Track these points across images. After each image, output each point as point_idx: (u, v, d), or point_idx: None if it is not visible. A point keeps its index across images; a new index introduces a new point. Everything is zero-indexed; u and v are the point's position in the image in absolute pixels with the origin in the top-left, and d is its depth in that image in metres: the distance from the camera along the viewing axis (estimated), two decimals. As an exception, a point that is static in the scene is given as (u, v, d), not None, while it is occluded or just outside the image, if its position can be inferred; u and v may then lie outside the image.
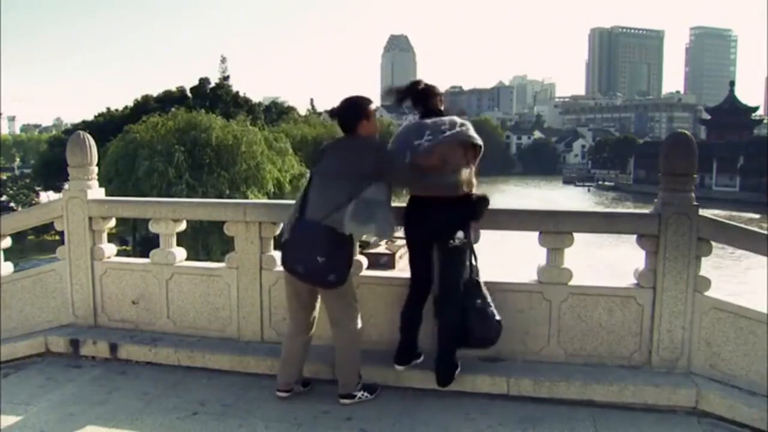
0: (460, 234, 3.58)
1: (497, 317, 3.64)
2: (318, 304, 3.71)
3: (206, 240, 23.54)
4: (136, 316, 4.59)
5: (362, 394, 3.70)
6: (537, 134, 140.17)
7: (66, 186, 4.67)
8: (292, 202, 3.82)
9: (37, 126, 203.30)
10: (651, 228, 3.79)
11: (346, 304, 3.62)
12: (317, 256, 3.35)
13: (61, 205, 4.65)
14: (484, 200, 3.64)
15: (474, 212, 3.64)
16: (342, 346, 3.66)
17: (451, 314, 3.65)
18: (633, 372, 3.81)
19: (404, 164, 3.50)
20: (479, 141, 3.63)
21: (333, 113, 3.68)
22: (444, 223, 3.60)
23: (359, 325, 3.67)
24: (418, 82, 3.80)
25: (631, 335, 3.87)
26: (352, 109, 3.63)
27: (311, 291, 3.61)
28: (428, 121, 3.66)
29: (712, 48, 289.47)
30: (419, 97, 3.75)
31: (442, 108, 3.77)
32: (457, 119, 3.64)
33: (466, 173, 3.59)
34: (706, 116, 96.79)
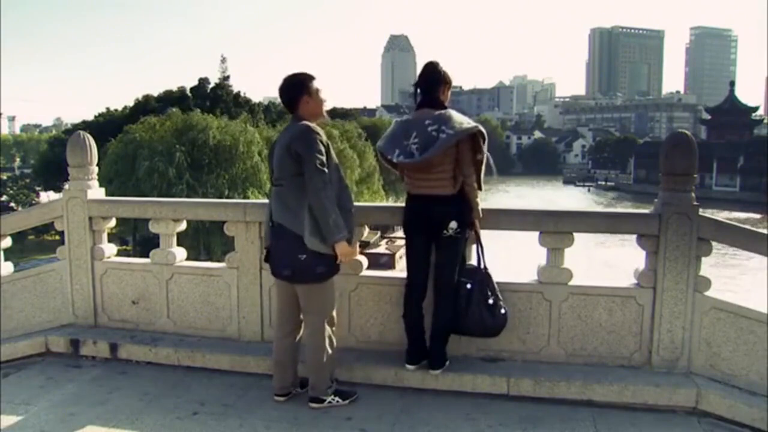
0: (453, 224, 3.59)
1: (503, 310, 3.68)
2: None
3: (207, 240, 23.55)
4: (136, 316, 4.59)
5: (333, 399, 3.61)
6: (537, 134, 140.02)
7: (66, 186, 4.67)
8: None
9: (37, 126, 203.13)
10: (651, 228, 3.79)
11: (323, 301, 3.54)
12: (298, 255, 3.34)
13: (61, 205, 4.65)
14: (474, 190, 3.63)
15: (469, 205, 3.63)
16: (310, 342, 3.56)
17: (448, 304, 3.68)
18: (633, 372, 3.81)
19: (320, 170, 3.28)
20: (474, 129, 3.54)
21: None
22: (438, 217, 3.61)
23: (327, 328, 3.57)
24: (437, 63, 3.73)
25: (631, 335, 3.87)
26: (291, 86, 3.49)
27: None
28: (415, 117, 3.63)
29: (712, 48, 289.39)
30: (431, 79, 3.69)
31: (445, 100, 3.72)
32: (446, 116, 3.56)
33: (463, 167, 3.59)
34: (706, 116, 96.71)
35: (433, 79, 3.69)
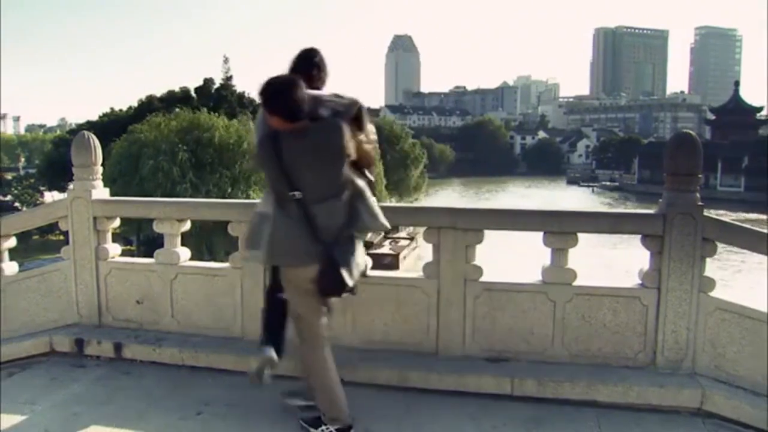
0: None
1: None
2: None
3: (210, 240, 23.56)
4: (140, 316, 4.60)
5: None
6: (541, 134, 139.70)
7: (70, 186, 4.68)
8: None
9: (41, 126, 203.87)
10: (655, 228, 3.78)
11: None
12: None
13: (65, 205, 4.66)
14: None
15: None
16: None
17: None
18: (637, 372, 3.80)
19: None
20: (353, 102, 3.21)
21: None
22: None
23: None
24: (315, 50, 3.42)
25: (635, 336, 3.86)
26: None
27: None
28: None
29: (716, 48, 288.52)
30: (306, 65, 3.35)
31: (320, 84, 3.36)
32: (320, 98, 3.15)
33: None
34: (711, 116, 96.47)
35: (305, 63, 3.37)
